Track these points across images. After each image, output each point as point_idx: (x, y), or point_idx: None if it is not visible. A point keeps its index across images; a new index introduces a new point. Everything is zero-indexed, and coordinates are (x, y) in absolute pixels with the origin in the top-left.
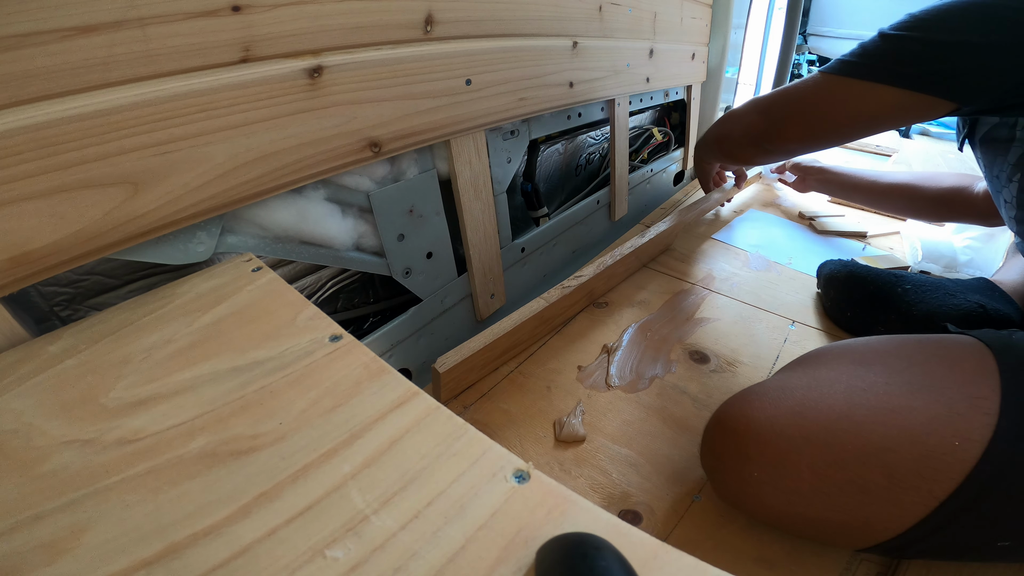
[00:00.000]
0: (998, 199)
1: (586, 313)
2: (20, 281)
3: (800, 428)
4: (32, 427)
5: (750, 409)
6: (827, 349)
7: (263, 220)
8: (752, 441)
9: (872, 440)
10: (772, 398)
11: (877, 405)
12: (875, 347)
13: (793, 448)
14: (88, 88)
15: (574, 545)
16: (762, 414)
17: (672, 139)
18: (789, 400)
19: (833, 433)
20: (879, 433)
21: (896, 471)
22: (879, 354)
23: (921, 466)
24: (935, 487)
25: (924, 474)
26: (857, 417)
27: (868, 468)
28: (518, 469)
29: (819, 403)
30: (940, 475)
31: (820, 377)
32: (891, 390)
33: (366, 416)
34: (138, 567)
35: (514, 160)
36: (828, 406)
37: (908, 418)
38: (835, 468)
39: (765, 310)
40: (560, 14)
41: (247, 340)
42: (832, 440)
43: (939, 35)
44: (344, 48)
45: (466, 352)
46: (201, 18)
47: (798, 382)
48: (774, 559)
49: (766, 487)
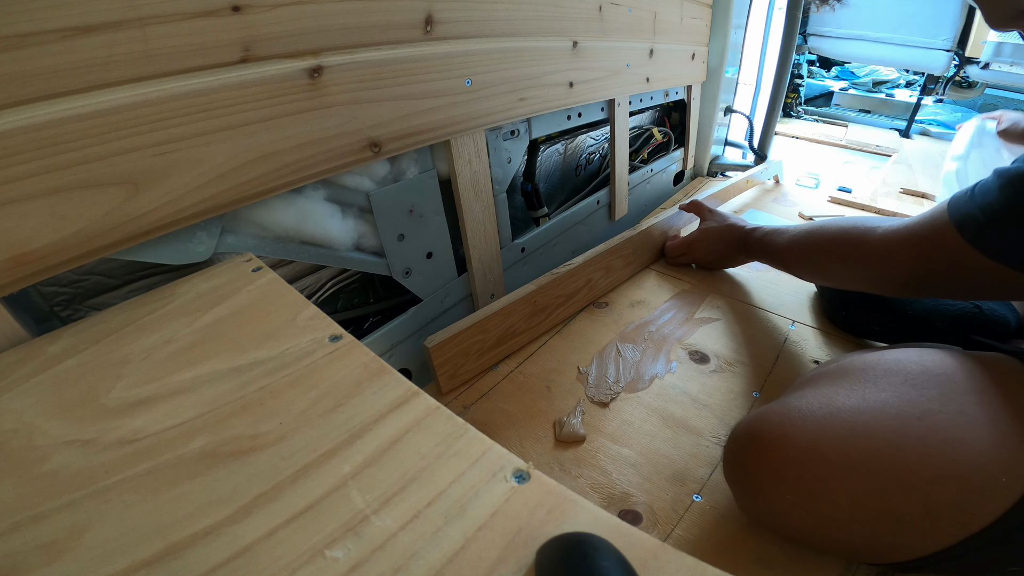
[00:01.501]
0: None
1: (586, 313)
2: (20, 281)
3: (844, 455)
4: (32, 427)
5: (791, 428)
6: (876, 361)
7: (263, 220)
8: (791, 464)
9: (919, 472)
10: (817, 418)
11: (929, 436)
12: (929, 367)
13: (834, 475)
14: (88, 88)
15: (574, 545)
16: (803, 435)
17: (672, 139)
18: (835, 422)
19: (879, 462)
20: (928, 466)
21: (936, 504)
22: (934, 377)
23: (962, 500)
24: (971, 520)
25: (964, 508)
26: (906, 447)
27: (909, 501)
28: (518, 469)
29: (868, 429)
30: (980, 510)
31: (870, 399)
32: (945, 419)
33: (366, 416)
34: (138, 567)
35: (514, 160)
36: (878, 434)
37: (959, 451)
38: (875, 498)
39: (765, 310)
40: (560, 14)
41: (247, 340)
42: (877, 469)
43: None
44: (344, 48)
45: (455, 330)
46: (201, 18)
47: (845, 402)
48: (774, 559)
49: (798, 510)
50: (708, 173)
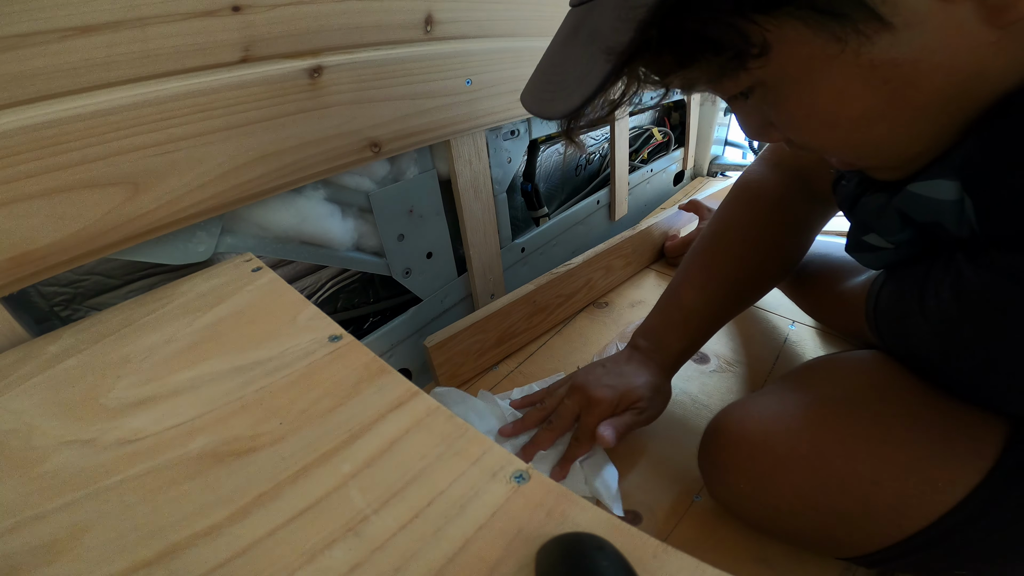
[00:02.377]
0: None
1: (586, 313)
2: (20, 281)
3: (792, 449)
4: (32, 427)
5: (749, 421)
6: (840, 361)
7: (263, 220)
8: (745, 456)
9: (859, 470)
10: (772, 412)
11: (875, 435)
12: (893, 368)
13: (780, 468)
14: (88, 88)
15: (574, 545)
16: (758, 428)
17: (672, 139)
18: (788, 418)
19: (823, 458)
20: (868, 464)
21: (874, 503)
22: (893, 376)
23: (899, 502)
24: (905, 522)
25: (899, 509)
26: (850, 445)
27: (849, 497)
28: (518, 469)
29: (818, 425)
30: (914, 512)
31: (826, 396)
32: (894, 420)
33: (366, 416)
34: (138, 567)
35: (514, 160)
36: (825, 431)
37: (901, 452)
38: (817, 492)
39: (765, 310)
40: (560, 14)
41: (247, 340)
42: (821, 465)
43: None
44: (344, 48)
45: (454, 330)
46: (201, 18)
47: (802, 398)
48: (774, 559)
49: (749, 500)
50: (708, 173)
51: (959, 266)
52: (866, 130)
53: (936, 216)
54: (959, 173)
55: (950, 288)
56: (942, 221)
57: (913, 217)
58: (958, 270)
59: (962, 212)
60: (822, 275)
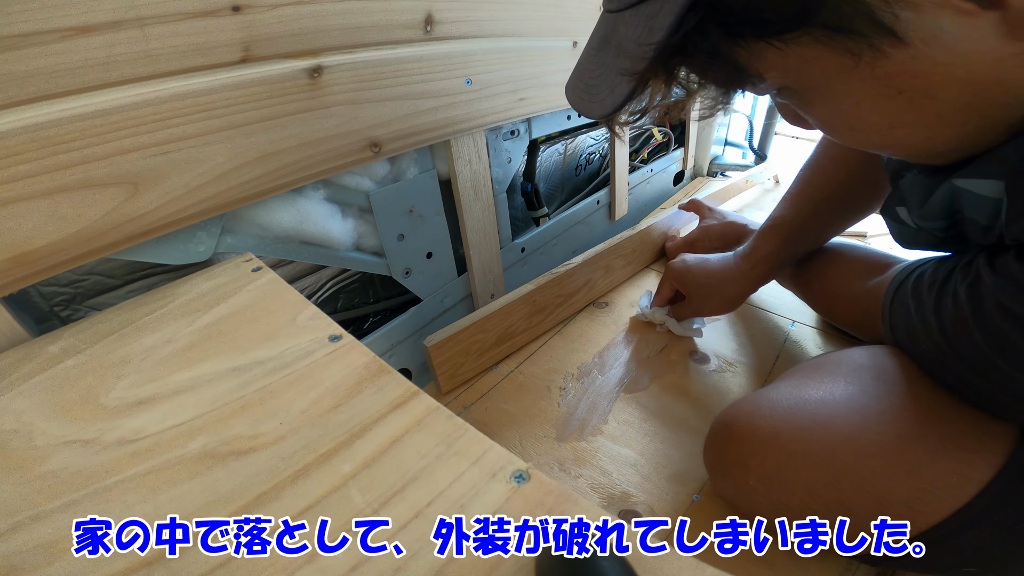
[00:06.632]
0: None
1: (586, 313)
2: (20, 281)
3: (803, 445)
4: (32, 427)
5: (759, 417)
6: (850, 357)
7: (263, 220)
8: (755, 452)
9: (872, 466)
10: (782, 409)
11: (888, 431)
12: (904, 363)
13: (791, 464)
14: (88, 88)
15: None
16: (768, 424)
17: (672, 139)
18: (799, 414)
19: (835, 455)
20: (881, 459)
21: (886, 500)
22: (905, 371)
23: (912, 498)
24: (918, 519)
25: (912, 506)
26: (863, 441)
27: (860, 494)
28: (518, 469)
29: (829, 422)
30: (928, 508)
31: (837, 392)
32: (907, 415)
33: (366, 416)
34: (137, 567)
35: (514, 160)
36: (838, 427)
37: (914, 448)
38: (828, 489)
39: (765, 310)
40: (560, 14)
41: (247, 340)
42: (832, 461)
43: None
44: (344, 48)
45: (454, 330)
46: (201, 18)
47: (812, 394)
48: (774, 559)
49: (759, 496)
50: (708, 173)
51: (979, 268)
52: (887, 134)
53: (974, 212)
54: (1004, 173)
55: (967, 289)
56: (978, 218)
57: (955, 208)
58: (977, 272)
59: (999, 212)
60: (839, 274)
